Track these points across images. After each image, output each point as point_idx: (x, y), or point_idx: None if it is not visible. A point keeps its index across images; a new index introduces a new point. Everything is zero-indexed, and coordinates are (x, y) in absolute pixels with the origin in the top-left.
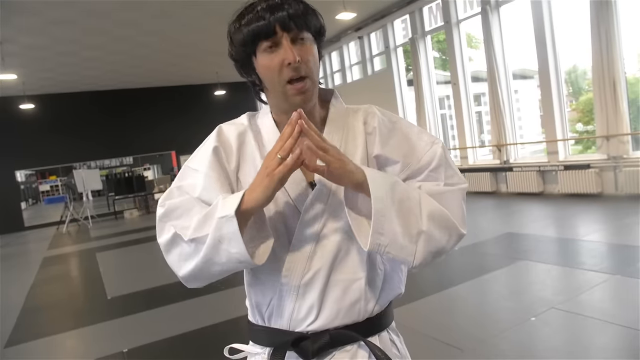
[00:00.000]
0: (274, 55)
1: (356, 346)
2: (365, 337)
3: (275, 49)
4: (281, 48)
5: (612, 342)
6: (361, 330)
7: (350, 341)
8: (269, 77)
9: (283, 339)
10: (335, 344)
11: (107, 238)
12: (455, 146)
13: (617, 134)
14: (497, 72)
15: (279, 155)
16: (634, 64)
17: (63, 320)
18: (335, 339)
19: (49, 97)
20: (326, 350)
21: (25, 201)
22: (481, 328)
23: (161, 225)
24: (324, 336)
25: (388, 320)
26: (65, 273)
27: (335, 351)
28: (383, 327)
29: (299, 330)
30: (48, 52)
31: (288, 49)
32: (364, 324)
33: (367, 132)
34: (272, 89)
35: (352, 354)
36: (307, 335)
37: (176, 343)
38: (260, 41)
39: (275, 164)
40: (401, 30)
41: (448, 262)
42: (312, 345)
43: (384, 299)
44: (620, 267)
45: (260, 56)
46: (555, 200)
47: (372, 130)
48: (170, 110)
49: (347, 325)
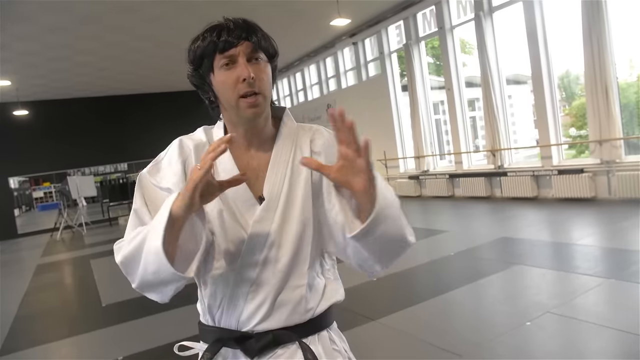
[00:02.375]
0: (230, 72)
1: (296, 344)
2: (307, 336)
3: (232, 66)
4: (237, 65)
5: (607, 346)
6: (302, 331)
7: (291, 340)
8: (224, 91)
9: (228, 336)
10: (277, 343)
11: (101, 245)
12: (449, 151)
13: (609, 139)
14: (491, 78)
15: (199, 167)
16: (625, 69)
17: (57, 328)
18: (278, 338)
19: (42, 104)
20: (269, 348)
21: (18, 208)
22: (477, 332)
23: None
24: (267, 336)
25: (328, 322)
26: (60, 280)
27: (278, 349)
28: (323, 327)
29: (245, 330)
30: (41, 58)
31: (243, 65)
32: (305, 325)
33: (314, 151)
34: (226, 103)
35: (292, 351)
36: (252, 334)
37: (171, 350)
38: (216, 54)
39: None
40: (395, 36)
41: (444, 267)
42: (256, 343)
43: (324, 304)
44: (615, 271)
45: (217, 72)
46: (549, 205)
47: (318, 149)
48: (165, 116)
49: (290, 326)
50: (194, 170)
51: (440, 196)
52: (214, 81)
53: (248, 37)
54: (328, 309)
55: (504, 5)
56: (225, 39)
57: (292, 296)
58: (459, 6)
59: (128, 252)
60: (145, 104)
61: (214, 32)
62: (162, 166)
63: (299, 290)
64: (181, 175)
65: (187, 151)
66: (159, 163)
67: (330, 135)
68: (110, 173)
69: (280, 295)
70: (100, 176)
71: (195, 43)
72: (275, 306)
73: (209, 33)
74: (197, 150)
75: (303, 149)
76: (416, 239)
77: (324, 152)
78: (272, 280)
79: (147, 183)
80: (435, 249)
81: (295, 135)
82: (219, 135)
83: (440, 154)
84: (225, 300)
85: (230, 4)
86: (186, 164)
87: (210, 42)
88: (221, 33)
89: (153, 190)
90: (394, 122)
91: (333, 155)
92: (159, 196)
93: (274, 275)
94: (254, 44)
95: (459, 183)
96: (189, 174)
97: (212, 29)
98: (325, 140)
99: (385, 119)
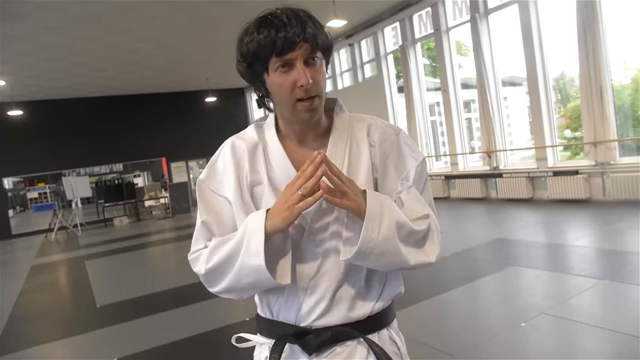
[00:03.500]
0: (287, 75)
1: (356, 342)
2: (365, 334)
3: (289, 69)
4: (294, 69)
5: (602, 347)
6: (362, 328)
7: (350, 337)
8: (280, 93)
9: (287, 332)
10: (336, 339)
11: (96, 246)
12: (445, 152)
13: (604, 140)
14: (487, 79)
15: (301, 192)
16: (620, 71)
17: (52, 329)
18: (337, 335)
19: (37, 104)
20: (327, 345)
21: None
22: (472, 333)
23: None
24: (326, 332)
25: (388, 319)
26: (54, 281)
27: (336, 346)
28: (383, 325)
29: (304, 325)
30: (36, 59)
31: (301, 71)
32: (365, 322)
33: (371, 145)
34: (280, 103)
35: (351, 350)
36: (311, 330)
37: (166, 351)
38: (272, 56)
39: (297, 199)
40: (391, 37)
41: (439, 268)
42: (315, 340)
43: (384, 298)
44: (609, 272)
45: (272, 73)
46: (544, 206)
47: (373, 142)
48: (161, 117)
49: (349, 323)
50: (294, 194)
51: (436, 197)
52: (268, 81)
53: (306, 38)
54: (389, 305)
55: (500, 7)
56: (283, 40)
57: (351, 290)
58: (455, 8)
59: (215, 264)
60: (142, 105)
61: (270, 29)
62: (218, 170)
63: (358, 284)
64: (235, 183)
65: (239, 153)
66: (214, 166)
67: (385, 127)
68: (105, 174)
69: (340, 289)
70: (96, 177)
71: (248, 36)
72: (334, 301)
73: (265, 29)
74: (250, 153)
75: (359, 141)
76: None
77: (379, 146)
78: (333, 273)
79: (206, 191)
80: None
81: (350, 127)
82: (272, 135)
83: (436, 155)
84: (285, 294)
85: (230, 4)
86: (239, 168)
87: (267, 43)
88: (278, 32)
89: (214, 198)
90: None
91: (387, 150)
92: (220, 203)
93: (335, 268)
94: (312, 45)
95: (454, 184)
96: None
97: (267, 23)
98: (380, 134)
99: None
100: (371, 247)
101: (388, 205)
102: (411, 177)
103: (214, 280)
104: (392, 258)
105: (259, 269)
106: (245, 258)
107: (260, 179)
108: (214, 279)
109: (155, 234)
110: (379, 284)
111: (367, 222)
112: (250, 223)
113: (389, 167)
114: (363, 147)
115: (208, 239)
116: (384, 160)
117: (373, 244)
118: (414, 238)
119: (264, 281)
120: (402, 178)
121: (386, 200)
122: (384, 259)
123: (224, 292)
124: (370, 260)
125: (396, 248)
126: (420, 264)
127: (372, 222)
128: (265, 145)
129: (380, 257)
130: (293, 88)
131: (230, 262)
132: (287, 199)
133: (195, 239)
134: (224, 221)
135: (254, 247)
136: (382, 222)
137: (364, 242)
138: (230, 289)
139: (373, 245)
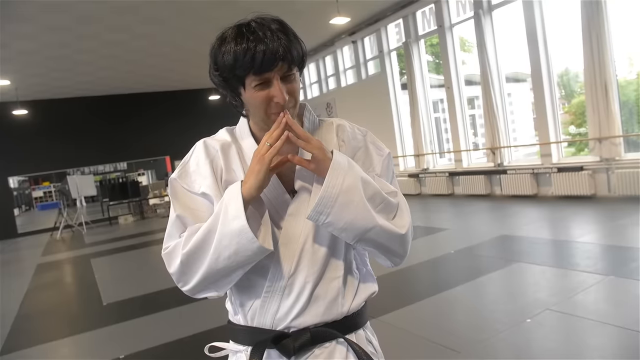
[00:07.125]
0: (263, 91)
1: (334, 343)
2: (344, 335)
3: (265, 86)
4: (271, 86)
5: (607, 343)
6: (339, 328)
7: (329, 338)
8: (255, 107)
9: (264, 337)
10: (315, 341)
11: (101, 244)
12: (449, 149)
13: (609, 136)
14: (490, 76)
15: (268, 142)
16: (624, 67)
17: (58, 327)
18: (316, 336)
19: (42, 103)
20: (306, 348)
21: (18, 207)
22: (477, 330)
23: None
24: (305, 334)
25: (364, 319)
26: (60, 279)
27: (315, 348)
28: (359, 325)
29: (281, 329)
30: (40, 58)
31: (278, 89)
32: (342, 322)
33: (339, 144)
34: (256, 115)
35: (330, 351)
36: (288, 333)
37: (173, 349)
38: (249, 74)
39: (265, 149)
40: (395, 34)
41: (444, 264)
42: (294, 342)
43: (360, 298)
44: (614, 268)
45: (248, 88)
46: (549, 203)
47: (342, 141)
48: (165, 115)
49: (327, 323)
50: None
51: (440, 194)
52: (244, 94)
53: (285, 55)
54: (364, 306)
55: (504, 3)
56: (262, 59)
57: (328, 288)
58: (459, 4)
59: (191, 247)
60: (146, 103)
61: (248, 44)
62: (190, 169)
63: (335, 282)
64: (212, 177)
65: (212, 152)
66: (186, 165)
67: (353, 128)
68: (110, 172)
69: (317, 287)
70: (100, 175)
71: (224, 46)
72: (312, 299)
73: (241, 41)
74: (223, 151)
75: (329, 142)
76: (416, 236)
77: (348, 143)
78: (310, 271)
79: (179, 188)
80: (435, 247)
81: (320, 129)
82: (244, 135)
83: (440, 152)
84: (261, 296)
85: (229, 4)
86: (214, 165)
87: (245, 60)
88: (256, 50)
89: (187, 196)
90: (394, 120)
91: (355, 147)
92: (194, 200)
93: (312, 265)
94: (289, 62)
95: (458, 181)
96: (252, 158)
97: (244, 37)
98: (349, 133)
99: (384, 117)
100: (335, 193)
101: (355, 164)
102: (378, 170)
103: (191, 269)
104: (358, 212)
105: (240, 232)
106: (224, 226)
107: (235, 177)
108: (191, 266)
109: (160, 232)
110: (355, 281)
111: (332, 169)
112: (227, 195)
113: (357, 162)
114: (332, 146)
115: (183, 232)
116: (352, 156)
117: (337, 190)
118: (381, 203)
119: (246, 246)
120: (369, 170)
121: (354, 162)
122: (350, 211)
123: (200, 284)
124: (336, 212)
125: (361, 200)
126: (388, 230)
127: (337, 170)
128: (240, 148)
129: (345, 207)
130: (269, 103)
131: (208, 238)
132: (257, 159)
133: (169, 233)
134: (200, 215)
135: (233, 211)
136: (348, 173)
137: (328, 186)
138: (207, 276)
139: (337, 191)
